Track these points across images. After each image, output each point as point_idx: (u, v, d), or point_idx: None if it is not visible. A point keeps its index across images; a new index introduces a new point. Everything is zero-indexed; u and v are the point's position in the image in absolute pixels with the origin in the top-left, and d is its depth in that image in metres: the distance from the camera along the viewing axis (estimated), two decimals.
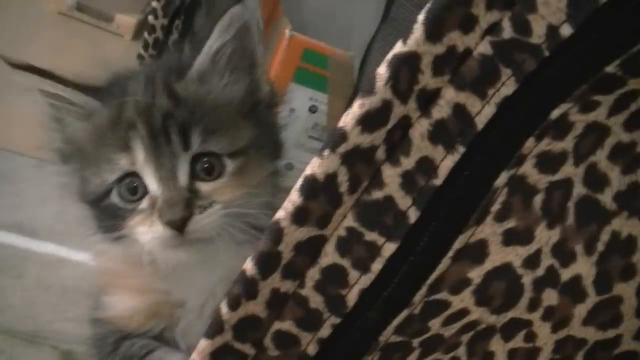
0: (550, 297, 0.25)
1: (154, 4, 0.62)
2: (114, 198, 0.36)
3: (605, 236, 0.24)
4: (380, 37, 0.52)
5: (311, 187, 0.22)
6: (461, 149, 0.23)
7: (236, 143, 0.36)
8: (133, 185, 0.36)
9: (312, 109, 0.54)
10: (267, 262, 0.23)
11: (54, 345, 0.70)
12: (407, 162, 0.23)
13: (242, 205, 0.35)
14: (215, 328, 0.24)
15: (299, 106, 0.53)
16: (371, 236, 0.23)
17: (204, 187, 0.36)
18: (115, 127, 0.36)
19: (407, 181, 0.23)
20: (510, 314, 0.26)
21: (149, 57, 0.63)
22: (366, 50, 0.53)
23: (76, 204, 0.39)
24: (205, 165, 0.36)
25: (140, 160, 0.35)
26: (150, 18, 0.63)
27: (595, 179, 0.24)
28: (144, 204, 0.35)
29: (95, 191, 0.36)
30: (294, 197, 0.23)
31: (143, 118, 0.35)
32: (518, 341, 0.26)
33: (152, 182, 0.35)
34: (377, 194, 0.23)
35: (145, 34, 0.64)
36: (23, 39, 1.20)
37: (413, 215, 0.23)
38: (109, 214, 0.36)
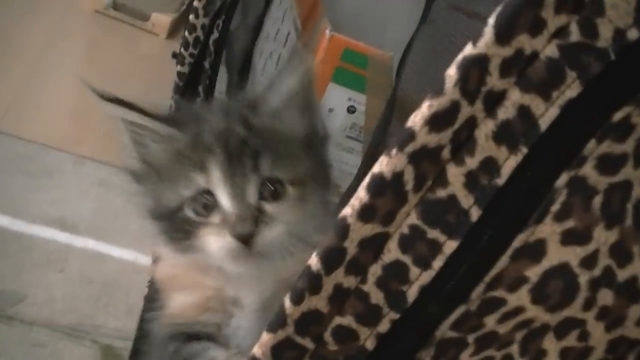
0: (606, 297, 0.26)
1: (196, 3, 0.63)
2: (188, 212, 0.42)
3: None
4: (420, 38, 0.52)
5: (378, 185, 0.23)
6: (524, 150, 0.23)
7: (297, 172, 0.42)
8: (206, 201, 0.41)
9: (351, 109, 0.55)
10: (333, 258, 0.24)
11: (95, 340, 0.71)
12: (472, 162, 0.23)
13: (300, 225, 0.41)
14: (279, 322, 0.25)
15: (338, 106, 0.54)
16: (433, 234, 0.24)
17: (269, 207, 0.41)
18: (194, 150, 0.42)
19: (471, 180, 0.24)
20: (565, 313, 0.26)
21: (188, 55, 0.64)
22: (405, 51, 0.53)
23: (140, 217, 0.43)
24: (272, 188, 0.41)
25: (215, 179, 0.40)
26: (191, 17, 0.64)
27: None
28: (216, 218, 0.41)
29: (170, 205, 0.42)
30: (361, 195, 0.23)
31: (220, 143, 0.41)
32: (571, 340, 0.27)
33: (224, 199, 0.40)
34: (441, 193, 0.24)
35: (186, 33, 0.65)
36: (61, 37, 1.22)
37: (475, 214, 0.24)
38: (180, 226, 0.41)
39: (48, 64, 1.13)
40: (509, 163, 0.23)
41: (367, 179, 0.23)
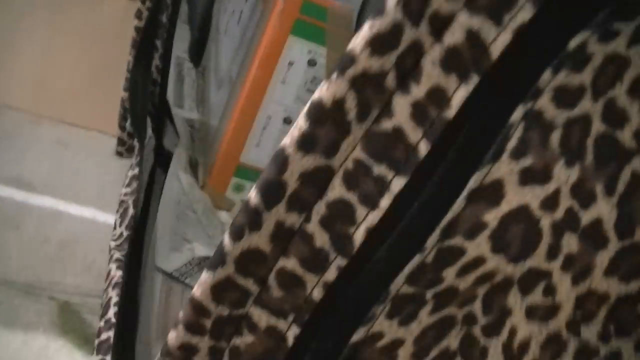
0: (570, 243, 0.24)
1: None
2: None
3: (625, 176, 0.23)
4: None
5: (318, 112, 0.22)
6: (475, 79, 0.22)
7: None
8: None
9: (311, 62, 0.53)
10: (272, 191, 0.22)
11: (52, 296, 0.70)
12: (418, 91, 0.22)
13: None
14: (218, 260, 0.23)
15: (298, 59, 0.53)
16: (380, 169, 0.23)
17: None
18: None
19: (418, 111, 0.22)
20: (529, 263, 0.24)
21: (146, 9, 0.63)
22: (363, 3, 0.52)
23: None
24: None
25: None
26: None
27: (615, 115, 0.23)
28: None
29: None
30: (300, 123, 0.22)
31: None
32: (537, 295, 0.25)
33: None
34: (387, 124, 0.22)
35: None
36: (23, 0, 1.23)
37: (424, 148, 0.22)
38: None
39: (10, 26, 1.14)
40: (459, 93, 0.22)
41: (306, 107, 0.22)
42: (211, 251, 0.48)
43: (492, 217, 0.24)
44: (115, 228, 0.52)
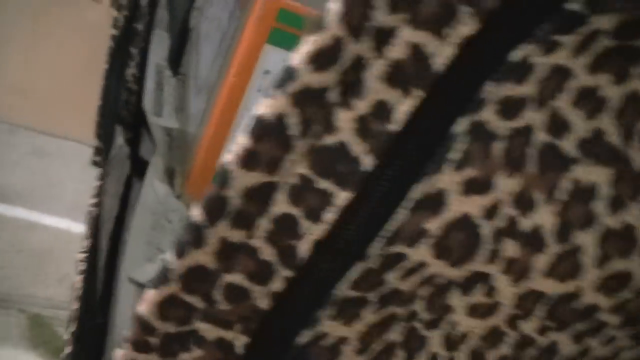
0: (510, 248, 0.24)
1: None
2: None
3: (566, 184, 0.24)
4: None
5: (260, 129, 0.21)
6: (419, 93, 0.22)
7: None
8: None
9: None
10: (215, 208, 0.22)
11: (22, 309, 0.69)
12: (362, 106, 0.22)
13: None
14: (162, 277, 0.23)
15: (274, 68, 0.52)
16: (324, 184, 0.23)
17: None
18: None
19: (362, 126, 0.22)
20: (470, 267, 0.25)
21: (123, 18, 0.61)
22: None
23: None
24: None
25: None
26: None
27: (558, 125, 0.23)
28: None
29: None
30: (242, 140, 0.22)
31: None
32: (478, 296, 0.26)
33: None
34: (331, 140, 0.22)
35: None
36: (4, 8, 1.18)
37: (368, 162, 0.22)
38: None
39: None
40: (403, 107, 0.22)
41: (247, 122, 0.21)
42: None
43: (434, 226, 0.24)
44: (85, 239, 0.51)
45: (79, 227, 0.80)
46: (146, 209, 0.48)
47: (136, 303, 0.40)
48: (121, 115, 0.52)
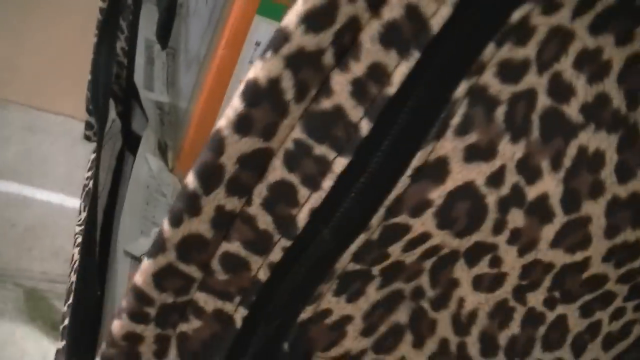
0: (516, 218, 0.24)
1: None
2: None
3: (571, 151, 0.23)
4: None
5: (253, 93, 0.21)
6: (416, 54, 0.21)
7: None
8: None
9: None
10: (209, 175, 0.22)
11: (18, 283, 0.69)
12: (358, 68, 0.21)
13: None
14: (158, 246, 0.23)
15: (265, 39, 0.51)
16: (321, 150, 0.22)
17: None
18: None
19: (358, 89, 0.22)
20: (474, 238, 0.24)
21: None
22: None
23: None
24: None
25: None
26: None
27: (560, 89, 0.22)
28: None
29: None
30: (235, 104, 0.21)
31: None
32: (483, 267, 0.25)
33: None
34: (326, 104, 0.22)
35: None
36: None
37: (365, 127, 0.22)
38: None
39: None
40: (400, 69, 0.21)
41: (241, 86, 0.21)
42: None
43: (437, 195, 0.23)
44: (80, 213, 0.51)
45: (73, 202, 0.80)
46: (140, 183, 0.48)
47: (132, 276, 0.40)
48: (113, 89, 0.52)
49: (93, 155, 0.54)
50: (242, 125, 0.21)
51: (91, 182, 0.45)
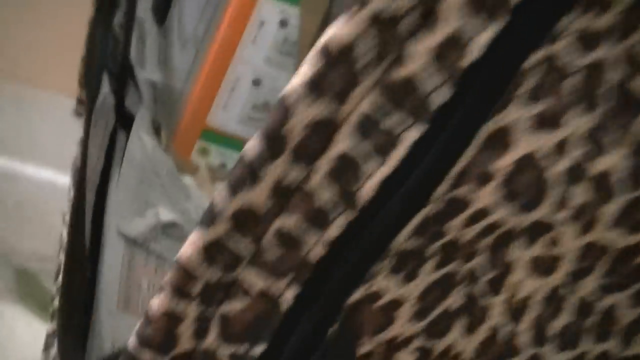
0: (578, 193, 0.23)
1: None
2: None
3: (638, 126, 0.23)
4: None
5: (327, 58, 0.20)
6: (499, 22, 0.20)
7: None
8: None
9: (283, 23, 0.50)
10: (273, 143, 0.20)
11: (8, 261, 0.66)
12: (438, 35, 0.20)
13: None
14: (210, 218, 0.21)
15: (269, 19, 0.50)
16: (392, 120, 0.21)
17: None
18: None
19: (437, 58, 0.20)
20: (534, 215, 0.24)
21: None
22: None
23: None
24: None
25: None
26: None
27: (635, 63, 0.22)
28: None
29: None
30: (307, 70, 0.20)
31: None
32: (540, 247, 0.24)
33: None
34: (402, 72, 0.20)
35: None
36: None
37: (443, 95, 0.21)
38: None
39: None
40: (481, 37, 0.20)
41: (312, 51, 0.20)
42: (176, 215, 0.45)
43: (499, 167, 0.23)
44: (70, 190, 0.48)
45: (63, 178, 0.76)
46: (134, 162, 0.46)
47: (125, 257, 0.38)
48: (108, 65, 0.50)
49: (82, 131, 0.52)
50: (312, 90, 0.20)
51: (79, 159, 0.43)
